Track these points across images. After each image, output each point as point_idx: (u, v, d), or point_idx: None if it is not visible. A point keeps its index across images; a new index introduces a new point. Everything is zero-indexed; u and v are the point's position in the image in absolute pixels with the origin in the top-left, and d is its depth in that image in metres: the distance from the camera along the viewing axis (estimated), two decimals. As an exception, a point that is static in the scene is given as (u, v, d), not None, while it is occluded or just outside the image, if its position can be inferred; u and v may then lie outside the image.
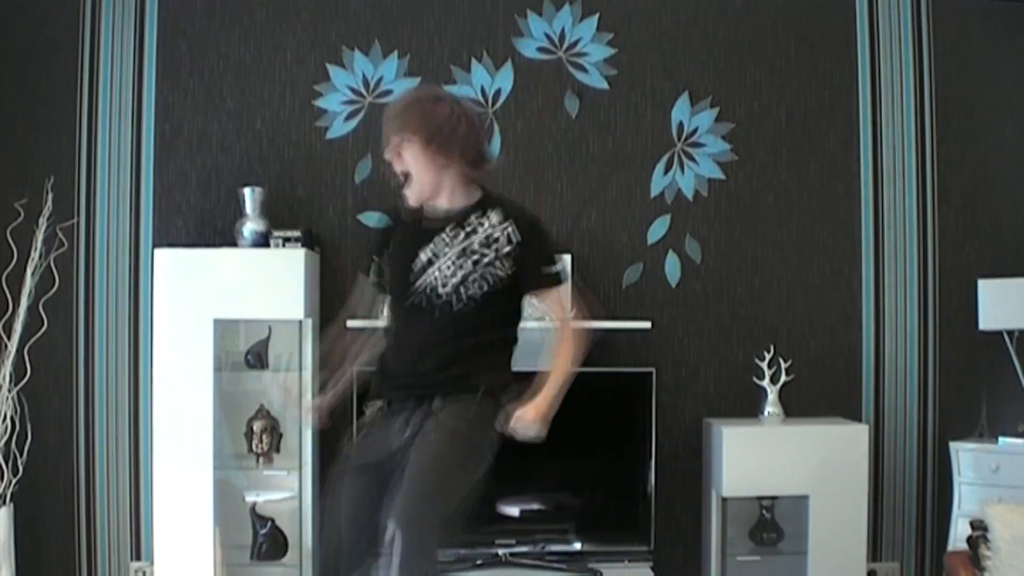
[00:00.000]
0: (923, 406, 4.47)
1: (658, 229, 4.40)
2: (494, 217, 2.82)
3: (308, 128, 4.36)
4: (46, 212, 4.11)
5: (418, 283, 2.79)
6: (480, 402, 2.79)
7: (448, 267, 2.78)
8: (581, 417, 4.18)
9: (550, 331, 2.97)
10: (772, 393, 4.31)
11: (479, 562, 4.03)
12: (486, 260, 2.78)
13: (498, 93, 4.38)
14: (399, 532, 2.56)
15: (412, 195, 2.83)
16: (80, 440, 4.28)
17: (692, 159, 4.43)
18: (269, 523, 4.09)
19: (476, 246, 2.79)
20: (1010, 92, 4.53)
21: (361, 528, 2.76)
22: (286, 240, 4.04)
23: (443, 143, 2.75)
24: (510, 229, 2.81)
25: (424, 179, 2.79)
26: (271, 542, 4.08)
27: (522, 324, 2.98)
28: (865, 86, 4.49)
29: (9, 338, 4.01)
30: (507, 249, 2.79)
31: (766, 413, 4.29)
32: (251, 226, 4.09)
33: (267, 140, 4.36)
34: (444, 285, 2.78)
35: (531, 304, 3.00)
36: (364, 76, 4.36)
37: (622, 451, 4.14)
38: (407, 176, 2.81)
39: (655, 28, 4.45)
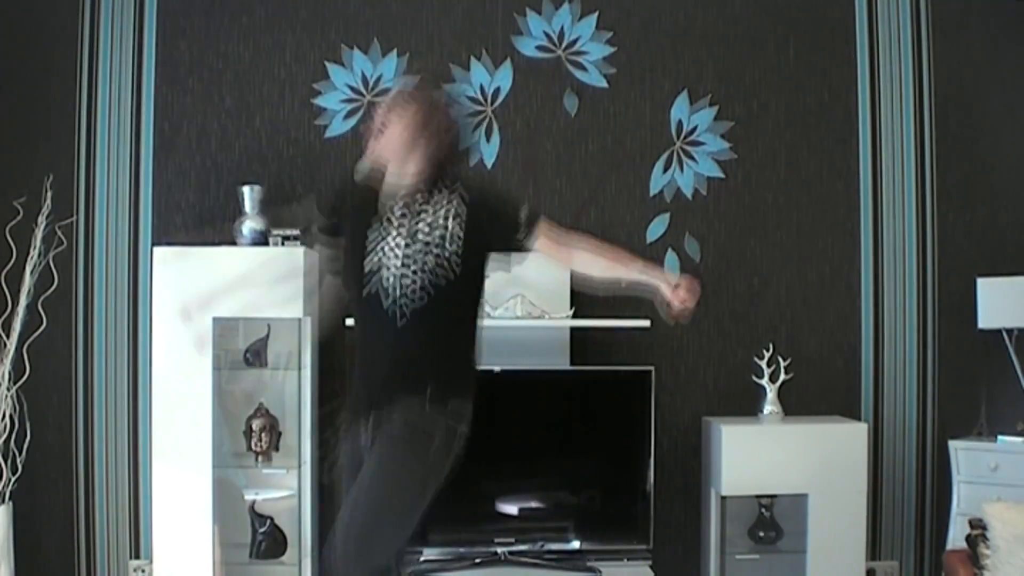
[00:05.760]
0: (922, 405, 4.47)
1: (657, 228, 4.41)
2: (437, 197, 2.82)
3: (307, 126, 4.36)
4: (45, 210, 4.11)
5: (370, 273, 2.76)
6: (429, 402, 2.71)
7: (395, 255, 2.75)
8: (580, 415, 4.20)
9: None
10: (771, 392, 4.31)
11: (478, 560, 4.03)
12: (442, 233, 2.76)
13: (497, 92, 4.38)
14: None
15: (378, 152, 2.84)
16: (79, 438, 4.29)
17: (691, 157, 4.43)
18: (268, 522, 4.09)
19: (434, 223, 2.77)
20: (1010, 91, 4.53)
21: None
22: (285, 238, 4.04)
23: (430, 127, 2.82)
24: (455, 203, 2.80)
25: (393, 141, 2.82)
26: (270, 541, 4.07)
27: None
28: (864, 84, 4.49)
29: (8, 336, 4.01)
30: (453, 225, 2.77)
31: (765, 412, 4.29)
32: (250, 224, 4.09)
33: (266, 138, 4.36)
34: (392, 277, 2.74)
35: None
36: (363, 74, 4.36)
37: (621, 449, 4.14)
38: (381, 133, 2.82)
39: (654, 26, 4.45)
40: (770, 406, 4.30)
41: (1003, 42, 4.52)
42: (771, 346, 4.38)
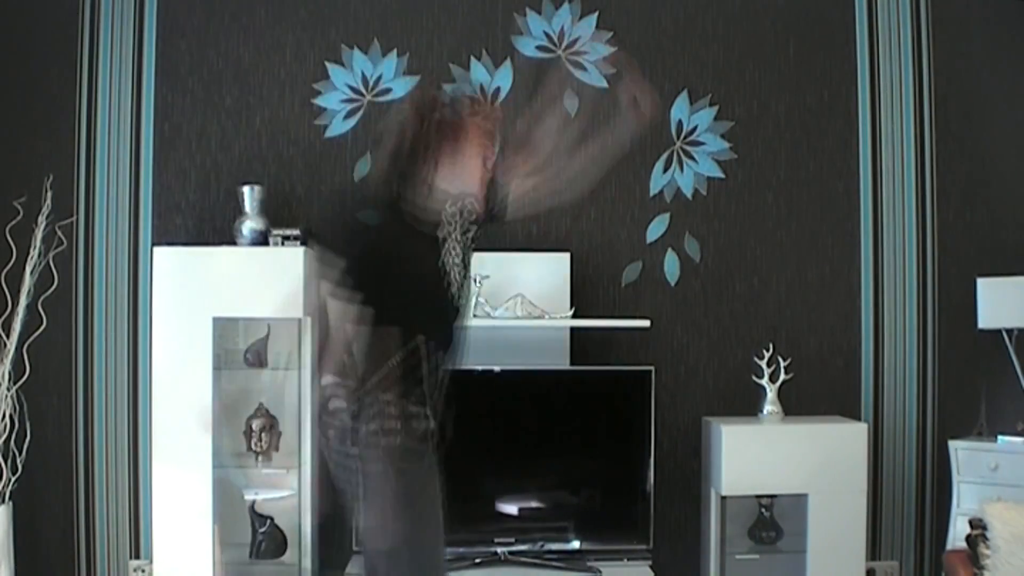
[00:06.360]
0: (922, 405, 4.47)
1: (657, 228, 4.40)
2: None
3: (307, 126, 4.36)
4: (45, 210, 4.11)
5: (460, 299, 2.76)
6: None
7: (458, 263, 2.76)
8: (580, 415, 4.19)
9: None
10: (771, 392, 4.31)
11: (478, 560, 4.03)
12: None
13: (497, 91, 4.38)
14: None
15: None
16: (79, 438, 4.29)
17: (691, 157, 4.43)
18: (268, 521, 4.09)
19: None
20: (1010, 91, 4.53)
21: None
22: (285, 238, 4.04)
23: None
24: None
25: None
26: (270, 540, 4.07)
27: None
28: (864, 84, 4.50)
29: (8, 336, 4.01)
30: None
31: (765, 412, 4.29)
32: (250, 224, 4.09)
33: (266, 138, 4.36)
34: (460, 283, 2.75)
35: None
36: (363, 75, 4.36)
37: (621, 449, 4.14)
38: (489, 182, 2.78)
39: (654, 26, 4.45)
40: (770, 406, 4.29)
41: (1003, 42, 4.52)
42: (771, 346, 4.37)
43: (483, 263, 4.15)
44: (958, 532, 3.90)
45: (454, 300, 2.75)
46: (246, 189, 4.11)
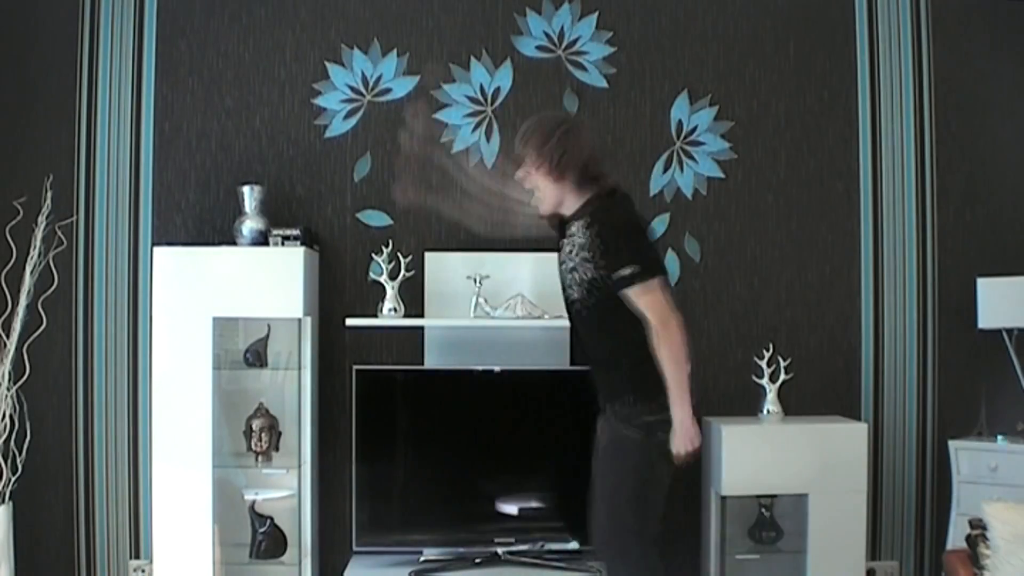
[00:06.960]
0: (922, 405, 4.47)
1: (657, 228, 4.39)
2: (578, 224, 3.16)
3: (307, 126, 4.36)
4: (45, 210, 4.12)
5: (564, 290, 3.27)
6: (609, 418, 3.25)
7: (564, 274, 3.23)
8: (580, 415, 4.19)
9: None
10: (771, 392, 4.31)
11: (477, 560, 4.03)
12: (570, 266, 3.18)
13: (497, 91, 4.38)
14: None
15: (540, 207, 3.29)
16: (79, 438, 4.29)
17: (691, 158, 4.43)
18: (268, 521, 4.09)
19: (569, 253, 3.18)
20: (1010, 91, 4.53)
21: None
22: (285, 238, 4.04)
23: (555, 166, 3.16)
24: (586, 233, 3.12)
25: (545, 194, 3.24)
26: (270, 540, 4.07)
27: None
28: (864, 84, 4.49)
29: (8, 336, 4.01)
30: (583, 254, 3.12)
31: (765, 412, 4.29)
32: (250, 224, 4.10)
33: (266, 138, 4.36)
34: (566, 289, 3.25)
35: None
36: (363, 74, 4.36)
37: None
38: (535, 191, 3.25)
39: (654, 26, 4.45)
40: (770, 406, 4.29)
41: (1003, 42, 4.52)
42: (771, 346, 4.37)
43: (483, 263, 4.16)
44: (958, 532, 3.90)
45: None
46: (246, 189, 4.12)
